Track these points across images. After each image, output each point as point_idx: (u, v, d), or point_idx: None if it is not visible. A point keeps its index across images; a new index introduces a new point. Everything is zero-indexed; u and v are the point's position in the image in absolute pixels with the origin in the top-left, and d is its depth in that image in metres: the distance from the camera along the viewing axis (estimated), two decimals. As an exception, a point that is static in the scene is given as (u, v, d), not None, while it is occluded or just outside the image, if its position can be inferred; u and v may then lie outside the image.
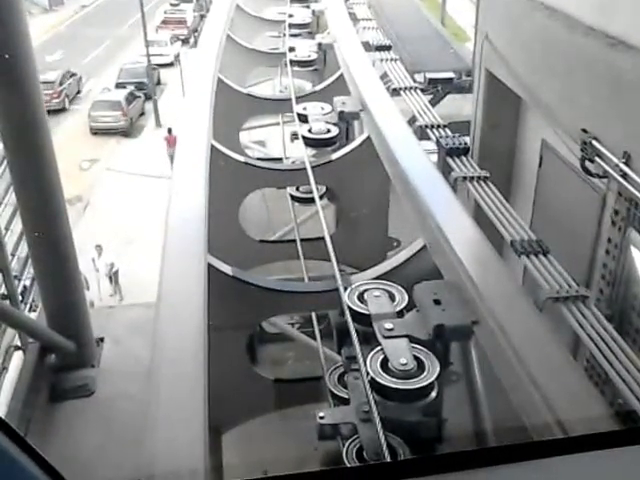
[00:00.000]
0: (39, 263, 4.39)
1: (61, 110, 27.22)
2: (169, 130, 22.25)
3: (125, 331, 4.85)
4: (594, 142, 4.00)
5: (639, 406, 2.91)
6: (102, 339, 4.79)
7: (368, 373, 2.87)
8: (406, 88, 5.99)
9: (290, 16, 9.41)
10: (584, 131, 4.08)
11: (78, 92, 29.07)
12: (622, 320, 4.03)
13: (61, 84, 27.79)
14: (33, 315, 4.66)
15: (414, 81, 6.41)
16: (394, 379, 2.84)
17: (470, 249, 3.77)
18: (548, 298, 3.47)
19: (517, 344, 3.00)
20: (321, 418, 2.99)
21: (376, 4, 11.08)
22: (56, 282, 4.40)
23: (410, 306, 3.27)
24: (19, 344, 4.45)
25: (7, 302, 4.29)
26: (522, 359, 2.94)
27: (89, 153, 25.23)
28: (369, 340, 3.10)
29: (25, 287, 4.63)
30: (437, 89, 8.65)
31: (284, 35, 8.99)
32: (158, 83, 30.18)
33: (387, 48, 7.37)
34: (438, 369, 2.92)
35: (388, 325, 3.07)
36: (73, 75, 28.79)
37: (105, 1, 47.51)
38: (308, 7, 9.95)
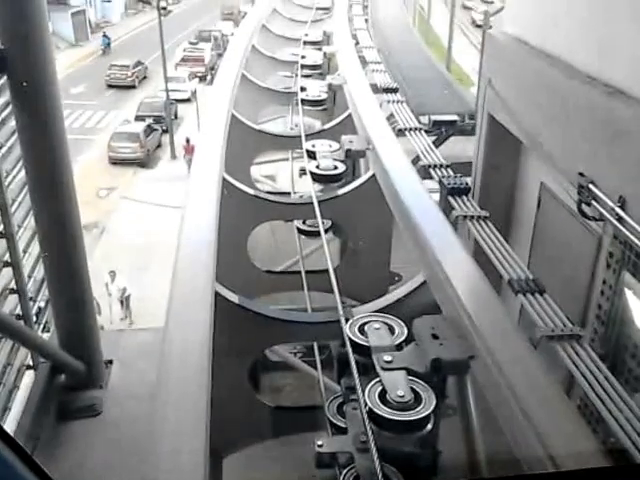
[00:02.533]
0: (54, 286, 4.50)
1: (132, 87, 36.75)
2: (187, 140, 25.77)
3: (133, 354, 4.92)
4: (591, 186, 4.10)
5: (630, 445, 2.94)
6: (111, 361, 4.85)
7: (366, 404, 2.92)
8: (411, 129, 6.14)
9: (302, 57, 9.67)
10: (581, 175, 4.18)
11: (145, 77, 37.81)
12: (615, 360, 4.09)
13: (134, 68, 37.23)
14: (46, 336, 4.74)
15: (419, 122, 6.55)
16: (391, 410, 2.89)
17: (469, 286, 3.85)
18: (543, 336, 3.52)
19: (512, 380, 3.07)
20: (319, 446, 3.04)
21: (385, 48, 11.38)
22: (69, 305, 4.50)
23: (409, 339, 3.33)
24: (31, 363, 4.53)
25: (22, 322, 4.38)
26: (517, 395, 3.00)
27: (107, 182, 25.72)
28: (368, 371, 3.16)
29: (40, 308, 4.71)
30: (441, 131, 8.82)
31: (296, 75, 9.23)
32: (175, 117, 30.90)
33: (394, 90, 7.54)
34: (434, 402, 2.98)
35: (387, 357, 3.13)
36: (142, 64, 37.85)
37: (128, 38, 48.81)
38: (320, 49, 10.21)
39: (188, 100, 33.02)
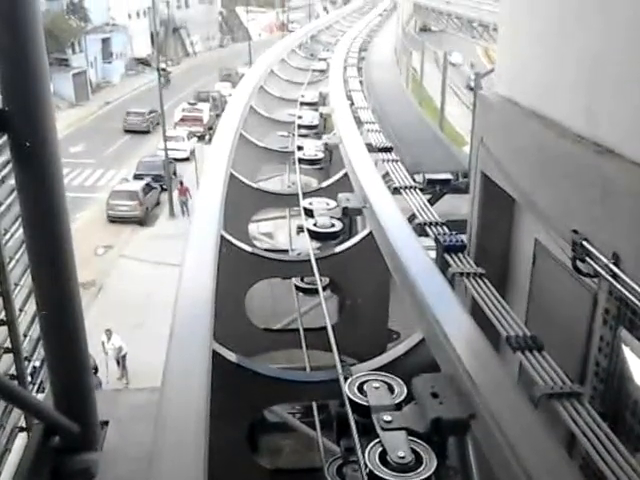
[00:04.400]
0: (50, 345, 4.44)
1: (147, 132, 40.87)
2: (181, 182, 28.45)
3: (129, 415, 4.83)
4: (585, 243, 4.16)
5: (635, 506, 2.90)
6: (107, 422, 4.76)
7: (366, 465, 2.90)
8: (406, 187, 6.23)
9: (299, 117, 9.94)
10: (575, 232, 4.24)
11: (158, 123, 38.69)
12: (616, 418, 4.05)
13: (148, 114, 41.15)
14: (40, 396, 4.66)
15: (414, 181, 6.66)
16: (392, 472, 2.86)
17: (467, 344, 3.84)
18: (543, 394, 3.50)
19: (513, 440, 3.04)
20: None
21: (379, 109, 11.67)
22: (65, 364, 4.43)
23: (409, 398, 3.32)
24: (24, 425, 4.43)
25: (16, 382, 4.31)
26: (518, 456, 2.97)
27: (105, 240, 25.92)
28: (368, 432, 3.13)
29: (35, 368, 4.65)
30: (436, 189, 8.94)
31: (293, 135, 9.46)
32: (174, 176, 31.44)
33: (389, 150, 7.69)
34: (435, 463, 2.95)
35: (387, 417, 3.11)
36: (155, 111, 39.34)
37: (128, 98, 50.17)
38: (316, 110, 10.50)
39: (187, 159, 33.61)
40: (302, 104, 11.39)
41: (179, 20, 71.27)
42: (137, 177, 30.80)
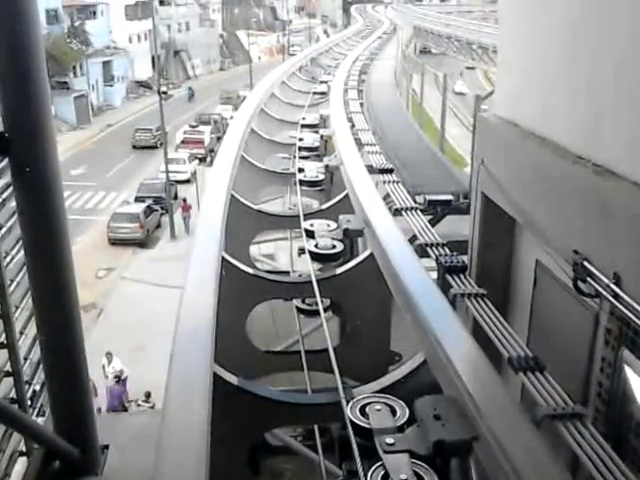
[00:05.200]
0: (50, 368, 4.42)
1: (154, 147, 41.49)
2: (184, 200, 29.17)
3: (130, 439, 4.80)
4: (585, 263, 4.16)
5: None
6: (107, 446, 4.72)
7: None
8: (407, 208, 6.30)
9: (300, 140, 10.00)
10: (575, 252, 4.25)
11: (161, 143, 37.45)
12: (619, 439, 4.03)
13: (156, 131, 41.05)
14: (40, 420, 4.63)
15: (415, 202, 6.71)
16: None
17: (469, 365, 3.84)
18: (545, 415, 3.49)
19: (516, 462, 3.02)
20: None
21: (380, 131, 11.74)
22: (65, 388, 4.41)
23: (411, 421, 3.30)
24: (24, 449, 4.40)
25: (16, 406, 4.28)
26: (521, 477, 2.96)
27: (106, 262, 25.94)
28: (370, 454, 3.12)
29: (35, 391, 4.62)
30: (436, 210, 8.96)
31: (294, 157, 9.52)
32: (175, 198, 31.58)
33: (389, 171, 7.79)
34: (438, 486, 2.94)
35: (389, 440, 3.09)
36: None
37: (129, 121, 50.58)
38: (317, 132, 10.57)
39: (188, 181, 33.76)
40: (303, 126, 11.46)
41: (180, 43, 72.08)
42: (138, 199, 30.93)
